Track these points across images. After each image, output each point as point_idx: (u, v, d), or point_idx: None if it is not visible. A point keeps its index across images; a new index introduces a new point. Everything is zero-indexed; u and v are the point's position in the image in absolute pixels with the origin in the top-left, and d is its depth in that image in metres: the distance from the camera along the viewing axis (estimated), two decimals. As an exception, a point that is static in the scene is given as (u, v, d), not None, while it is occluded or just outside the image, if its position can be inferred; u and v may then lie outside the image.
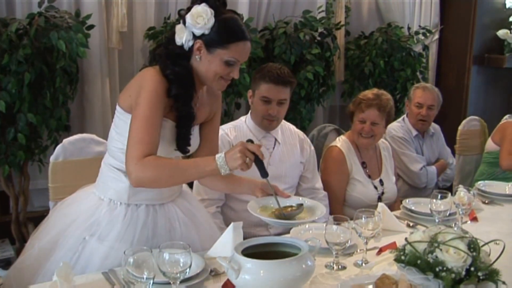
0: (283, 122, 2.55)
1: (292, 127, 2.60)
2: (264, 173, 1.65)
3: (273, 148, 2.46)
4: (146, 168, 1.59)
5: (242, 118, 2.51)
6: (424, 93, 3.27)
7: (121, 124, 1.70)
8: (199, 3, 1.65)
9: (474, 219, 2.27)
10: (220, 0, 1.69)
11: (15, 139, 2.81)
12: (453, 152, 3.64)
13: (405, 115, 3.38)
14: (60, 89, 2.90)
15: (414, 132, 3.31)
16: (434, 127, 3.47)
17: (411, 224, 2.21)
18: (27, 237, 2.87)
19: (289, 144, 2.50)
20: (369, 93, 2.67)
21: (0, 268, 2.94)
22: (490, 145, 3.43)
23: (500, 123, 3.49)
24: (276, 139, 2.46)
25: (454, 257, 1.33)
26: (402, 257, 1.42)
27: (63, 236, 1.75)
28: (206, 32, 1.65)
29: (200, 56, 1.69)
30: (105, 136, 1.90)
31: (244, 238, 1.74)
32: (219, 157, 1.59)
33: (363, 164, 2.67)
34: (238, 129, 2.44)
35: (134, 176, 1.61)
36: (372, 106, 2.60)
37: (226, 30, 1.66)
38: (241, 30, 1.69)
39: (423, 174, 3.23)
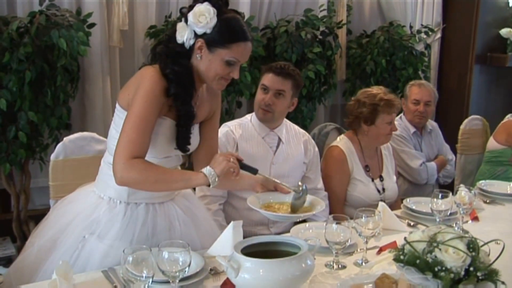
0: (288, 122, 2.56)
1: (296, 127, 2.61)
2: (253, 170, 1.67)
3: (277, 147, 2.46)
4: (133, 169, 1.59)
5: (248, 116, 2.52)
6: (420, 90, 3.28)
7: (120, 122, 1.69)
8: (202, 2, 1.65)
9: (475, 218, 2.26)
10: (223, 0, 1.69)
11: (16, 137, 2.81)
12: (454, 150, 3.62)
13: (401, 113, 3.37)
14: (61, 88, 2.90)
15: (412, 130, 3.31)
16: (432, 124, 3.47)
17: (411, 223, 2.20)
18: (28, 235, 2.87)
19: (293, 143, 2.51)
20: (383, 93, 2.62)
21: (1, 266, 2.94)
22: (492, 144, 3.42)
23: (502, 121, 3.47)
24: (280, 138, 2.47)
25: (453, 257, 1.32)
26: (401, 257, 1.41)
27: (63, 235, 1.75)
28: (208, 31, 1.65)
29: (201, 55, 1.68)
30: (106, 134, 1.90)
31: (245, 237, 1.74)
32: (206, 168, 1.62)
33: (366, 167, 2.66)
34: (243, 127, 2.45)
35: (120, 176, 1.61)
36: (396, 106, 2.63)
37: (228, 30, 1.66)
38: (242, 30, 1.69)
39: (423, 170, 3.22)
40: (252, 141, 2.41)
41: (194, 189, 2.21)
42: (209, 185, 1.63)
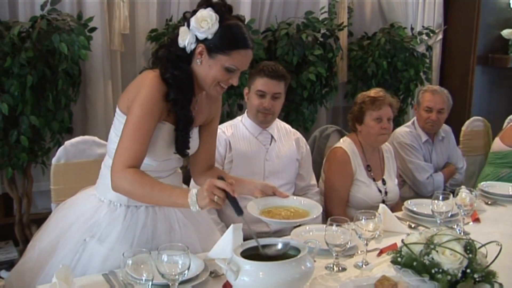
0: (278, 120, 2.61)
1: (287, 126, 2.66)
2: (238, 211, 1.57)
3: (270, 144, 2.51)
4: (124, 180, 1.62)
5: (239, 118, 2.57)
6: (433, 97, 3.12)
7: (120, 126, 1.70)
8: (205, 7, 1.65)
9: (477, 220, 2.26)
10: (226, 6, 1.69)
11: (18, 141, 2.83)
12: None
13: (414, 119, 3.25)
14: (62, 92, 2.91)
15: (424, 138, 3.17)
16: (445, 130, 3.31)
17: (413, 225, 2.20)
18: (30, 239, 2.88)
19: (285, 141, 2.56)
20: (373, 92, 2.66)
21: (4, 270, 2.95)
22: (497, 145, 3.35)
23: (510, 124, 3.44)
24: (272, 136, 2.52)
25: (450, 259, 1.32)
26: (399, 259, 1.41)
27: (63, 238, 1.76)
28: (209, 36, 1.65)
29: (201, 60, 1.68)
30: (107, 138, 1.90)
31: (245, 235, 1.75)
32: (192, 194, 1.56)
33: (368, 167, 2.67)
34: (235, 127, 2.50)
35: (114, 184, 1.65)
36: (385, 103, 2.62)
37: (230, 36, 1.66)
38: (244, 38, 1.69)
39: (429, 184, 3.11)
40: (244, 140, 2.46)
41: (188, 184, 2.20)
42: None
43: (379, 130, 2.62)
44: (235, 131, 2.48)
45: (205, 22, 1.63)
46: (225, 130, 2.47)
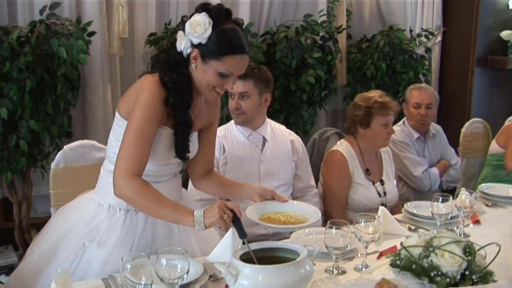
0: (272, 122, 2.60)
1: (282, 127, 2.64)
2: (242, 234, 1.60)
3: (263, 145, 2.49)
4: (130, 188, 1.62)
5: (232, 121, 2.57)
6: (420, 93, 3.24)
7: (119, 130, 1.71)
8: (200, 12, 1.65)
9: (477, 222, 2.25)
10: (223, 11, 1.68)
11: (17, 146, 2.83)
12: (456, 154, 3.60)
13: (405, 119, 3.33)
14: (61, 96, 2.91)
15: (416, 135, 3.26)
16: (435, 128, 3.40)
17: (412, 227, 2.19)
18: (30, 243, 2.88)
19: (279, 141, 2.55)
20: (378, 96, 2.64)
21: (4, 274, 2.95)
22: (494, 147, 3.40)
23: (505, 125, 3.46)
24: (264, 137, 2.51)
25: (449, 262, 1.32)
26: (398, 262, 1.41)
27: (63, 242, 1.76)
28: (203, 41, 1.64)
29: (196, 65, 1.68)
30: (107, 142, 1.90)
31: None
32: (198, 212, 1.60)
33: (367, 171, 2.66)
34: (228, 130, 2.51)
35: (117, 190, 1.64)
36: (392, 108, 2.63)
37: (223, 42, 1.65)
38: (239, 43, 1.67)
39: (425, 178, 3.18)
40: (238, 142, 2.46)
41: (186, 187, 2.20)
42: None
43: (385, 135, 2.64)
44: (228, 133, 2.48)
45: (199, 27, 1.63)
46: (218, 133, 2.44)
